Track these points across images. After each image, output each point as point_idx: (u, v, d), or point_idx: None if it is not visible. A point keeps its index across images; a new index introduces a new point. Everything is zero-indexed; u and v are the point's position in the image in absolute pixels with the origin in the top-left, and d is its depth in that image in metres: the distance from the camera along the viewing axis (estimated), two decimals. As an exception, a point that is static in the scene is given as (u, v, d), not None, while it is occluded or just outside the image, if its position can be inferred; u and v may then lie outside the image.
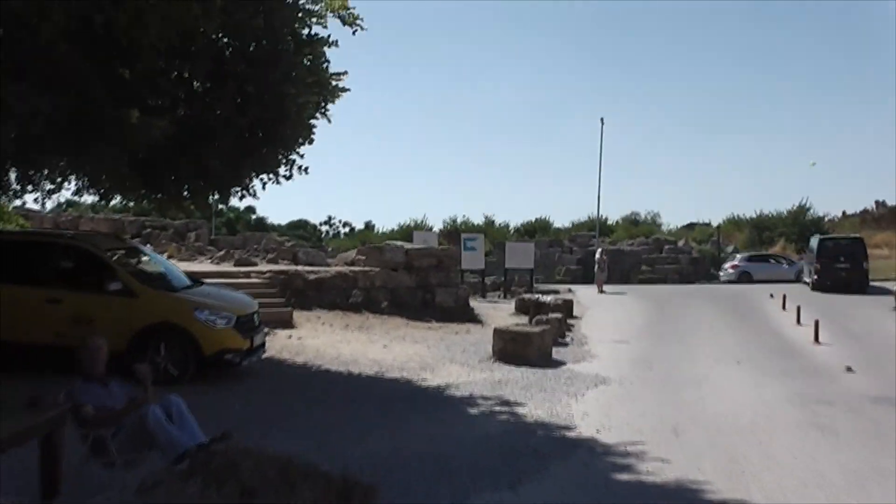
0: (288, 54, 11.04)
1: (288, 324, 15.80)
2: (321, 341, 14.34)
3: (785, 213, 61.12)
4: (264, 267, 20.83)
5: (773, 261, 41.62)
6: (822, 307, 21.86)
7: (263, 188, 12.71)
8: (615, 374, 11.89)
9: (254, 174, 12.32)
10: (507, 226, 68.91)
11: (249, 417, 8.24)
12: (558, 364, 12.92)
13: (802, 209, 60.89)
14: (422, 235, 30.32)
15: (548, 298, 20.61)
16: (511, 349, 12.88)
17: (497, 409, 9.09)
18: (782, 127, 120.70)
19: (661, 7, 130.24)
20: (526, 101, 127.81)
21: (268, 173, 12.37)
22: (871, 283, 29.87)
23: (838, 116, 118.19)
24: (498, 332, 13.24)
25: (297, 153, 12.38)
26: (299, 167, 12.46)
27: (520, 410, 9.02)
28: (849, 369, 12.04)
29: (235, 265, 21.51)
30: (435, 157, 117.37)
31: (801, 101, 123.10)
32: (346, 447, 7.07)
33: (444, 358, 13.17)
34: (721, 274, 40.55)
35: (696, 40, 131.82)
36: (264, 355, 11.48)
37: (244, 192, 12.82)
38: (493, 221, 69.31)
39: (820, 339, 15.74)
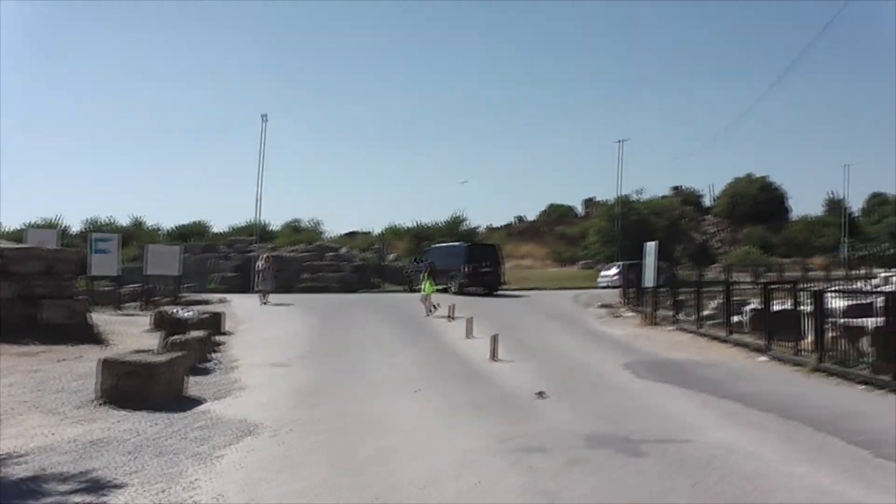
0: None
1: None
2: None
3: (442, 223, 63.20)
4: None
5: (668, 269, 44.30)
6: (479, 312, 21.14)
7: None
8: (269, 416, 8.98)
9: None
10: (158, 228, 62.78)
11: None
12: (193, 403, 9.66)
13: (458, 220, 63.34)
14: (38, 234, 24.63)
15: (188, 313, 16.98)
16: (127, 386, 9.32)
17: (75, 502, 5.68)
18: (439, 144, 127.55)
19: (336, 22, 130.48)
20: (189, 96, 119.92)
21: None
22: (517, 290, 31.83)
23: (487, 138, 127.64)
24: (108, 365, 9.54)
25: None
26: None
27: (112, 502, 5.70)
28: (541, 395, 10.40)
29: None
30: (74, 151, 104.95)
31: (452, 120, 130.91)
32: None
33: (23, 402, 9.21)
34: (600, 280, 41.49)
35: (361, 59, 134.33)
36: None
37: None
38: (141, 223, 62.65)
39: (497, 354, 14.33)
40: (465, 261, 33.73)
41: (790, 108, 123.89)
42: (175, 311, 17.50)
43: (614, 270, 42.26)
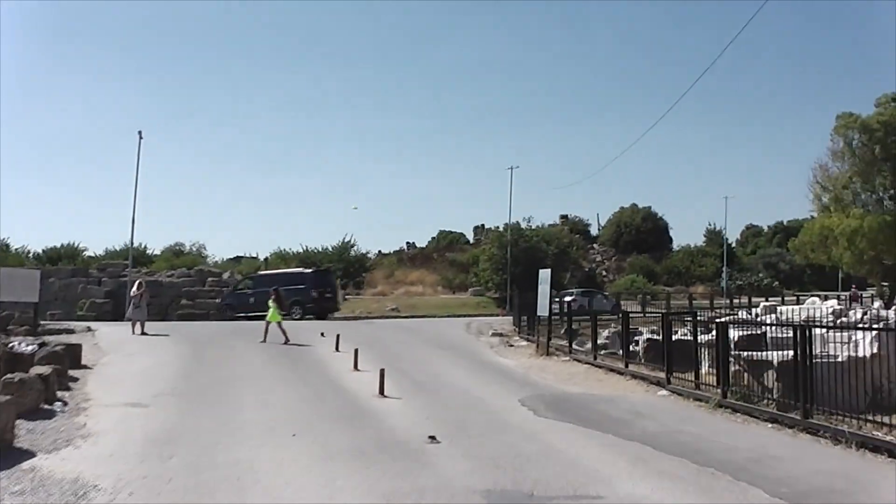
0: None
1: None
2: None
3: (331, 248, 61.64)
4: None
5: (600, 295, 46.43)
6: (365, 341, 20.00)
7: None
8: (111, 472, 7.51)
9: None
10: (25, 251, 58.63)
11: None
12: (19, 458, 8.07)
13: (347, 245, 61.92)
14: None
15: (29, 347, 14.91)
16: (-67, 440, 7.67)
17: None
18: (329, 169, 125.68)
19: (208, 45, 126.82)
20: (65, 114, 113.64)
21: None
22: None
23: (379, 165, 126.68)
24: None
25: None
26: None
27: None
28: (432, 439, 9.30)
29: None
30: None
31: (344, 145, 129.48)
32: None
33: None
34: (564, 301, 40.69)
35: (251, 78, 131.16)
36: None
37: None
38: (7, 245, 58.40)
39: (385, 390, 13.17)
40: (310, 286, 35.04)
41: (673, 142, 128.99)
42: (14, 343, 15.40)
43: (568, 298, 43.19)
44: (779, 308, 27.98)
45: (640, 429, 10.21)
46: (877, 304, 37.22)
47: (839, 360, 10.64)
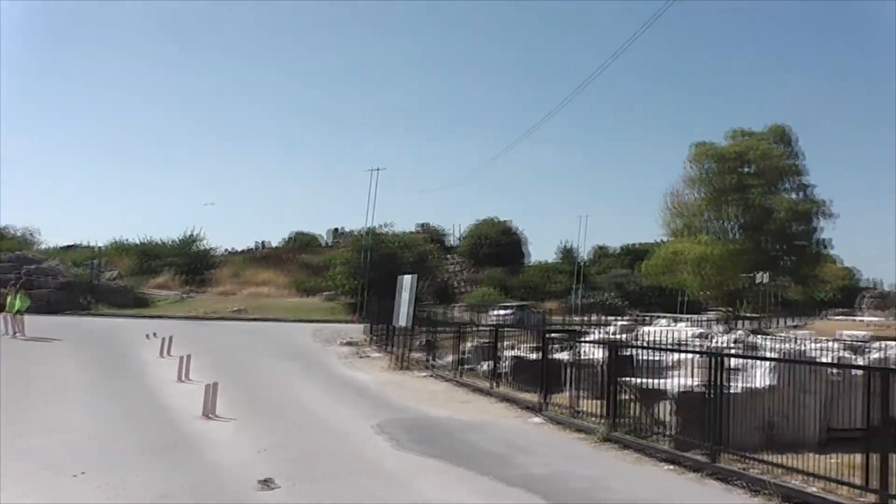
0: None
1: None
2: None
3: (174, 241, 57.55)
4: None
5: (533, 309, 46.89)
6: (201, 346, 17.52)
7: None
8: None
9: None
10: None
11: None
12: None
13: (192, 239, 57.94)
14: None
15: None
16: None
17: None
18: (182, 162, 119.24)
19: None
20: None
21: None
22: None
23: (235, 160, 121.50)
24: None
25: None
26: None
27: None
28: (266, 483, 7.21)
29: None
30: None
31: (199, 139, 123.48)
32: None
33: None
34: (497, 315, 40.06)
35: (100, 66, 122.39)
36: None
37: None
38: None
39: (215, 409, 10.91)
40: None
41: (536, 158, 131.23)
42: None
43: (503, 311, 42.11)
44: (642, 329, 27.53)
45: (522, 469, 8.50)
46: (719, 327, 38.05)
47: (734, 391, 9.46)
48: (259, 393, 13.58)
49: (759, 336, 20.96)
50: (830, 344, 15.58)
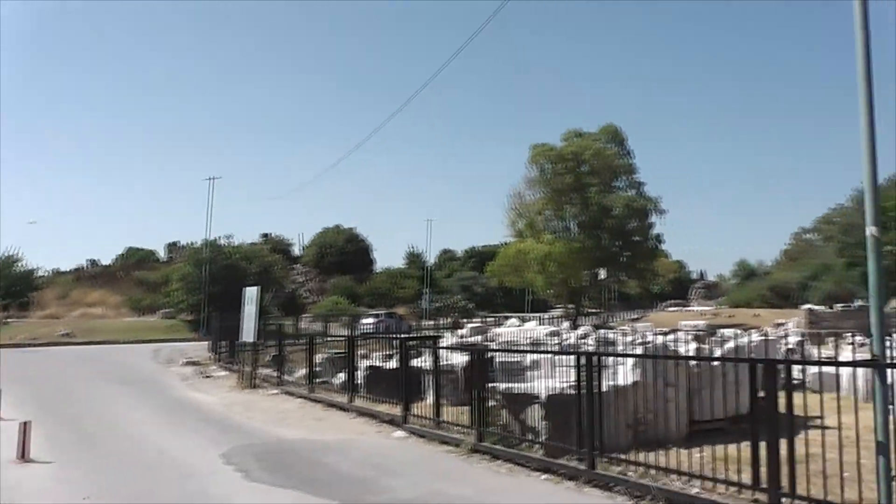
0: None
1: None
2: None
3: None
4: None
5: (396, 317, 47.54)
6: (19, 375, 15.58)
7: None
8: None
9: None
10: None
11: None
12: None
13: (11, 260, 53.11)
14: None
15: None
16: None
17: None
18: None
19: None
20: None
21: None
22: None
23: (62, 174, 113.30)
24: None
25: None
26: None
27: None
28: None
29: None
30: None
31: (26, 154, 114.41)
32: None
33: None
34: (364, 323, 40.12)
35: None
36: None
37: None
38: None
39: (30, 450, 9.45)
40: None
41: (380, 164, 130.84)
42: None
43: (372, 320, 42.14)
44: (494, 330, 27.46)
45: (390, 494, 7.75)
46: (565, 324, 38.94)
47: (603, 390, 9.15)
48: (86, 426, 12.07)
49: (606, 330, 21.31)
50: (681, 335, 15.86)
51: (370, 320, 42.25)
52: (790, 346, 17.11)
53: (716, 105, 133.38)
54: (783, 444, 6.43)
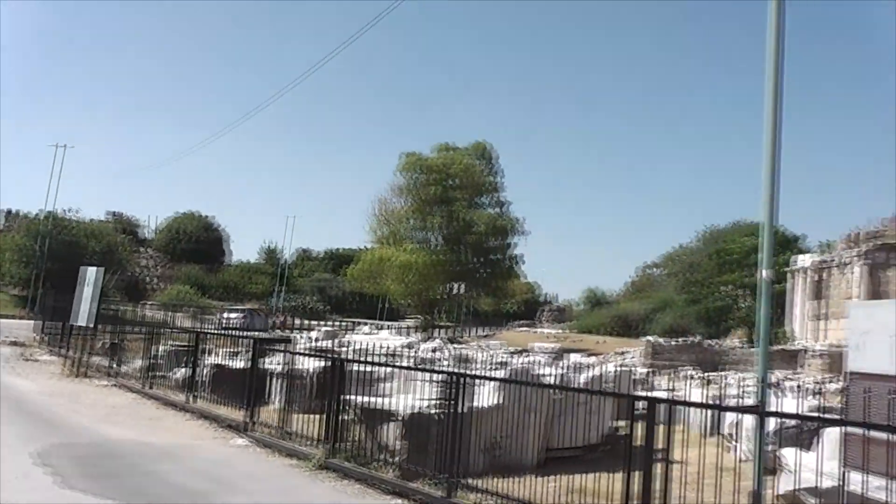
0: None
1: None
2: None
3: None
4: None
5: (260, 314, 45.16)
6: None
7: None
8: None
9: None
10: None
11: None
12: None
13: None
14: None
15: None
16: None
17: None
18: None
19: None
20: None
21: None
22: None
23: None
24: None
25: None
26: None
27: None
28: None
29: None
30: None
31: None
32: None
33: None
34: (227, 317, 37.97)
35: None
36: None
37: None
38: None
39: None
40: None
41: (245, 153, 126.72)
42: None
43: (234, 315, 40.19)
44: (348, 336, 26.80)
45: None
46: (418, 335, 38.83)
47: (464, 411, 8.77)
48: None
49: (458, 345, 21.18)
50: (539, 358, 15.88)
51: (233, 315, 40.36)
52: (636, 378, 17.52)
53: (584, 137, 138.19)
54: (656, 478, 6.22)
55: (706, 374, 26.35)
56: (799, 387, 13.95)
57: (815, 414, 6.73)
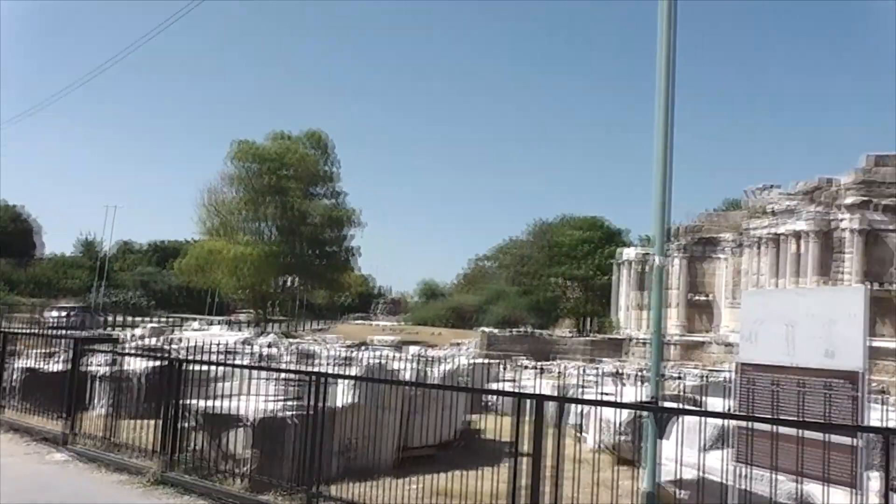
0: None
1: None
2: None
3: None
4: None
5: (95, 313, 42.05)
6: None
7: None
8: None
9: None
10: None
11: None
12: None
13: None
14: None
15: None
16: None
17: None
18: None
19: None
20: None
21: None
22: None
23: None
24: None
25: None
26: None
27: None
28: None
29: None
30: None
31: None
32: None
33: None
34: (54, 317, 33.27)
35: None
36: None
37: None
38: None
39: None
40: None
41: (54, 139, 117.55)
42: None
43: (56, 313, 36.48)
44: (179, 333, 25.26)
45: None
46: (251, 331, 37.41)
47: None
48: None
49: (298, 340, 20.38)
50: (388, 352, 15.43)
51: (56, 313, 36.34)
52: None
53: (420, 133, 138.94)
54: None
55: (538, 363, 27.04)
56: (639, 375, 14.31)
57: (720, 411, 6.61)
